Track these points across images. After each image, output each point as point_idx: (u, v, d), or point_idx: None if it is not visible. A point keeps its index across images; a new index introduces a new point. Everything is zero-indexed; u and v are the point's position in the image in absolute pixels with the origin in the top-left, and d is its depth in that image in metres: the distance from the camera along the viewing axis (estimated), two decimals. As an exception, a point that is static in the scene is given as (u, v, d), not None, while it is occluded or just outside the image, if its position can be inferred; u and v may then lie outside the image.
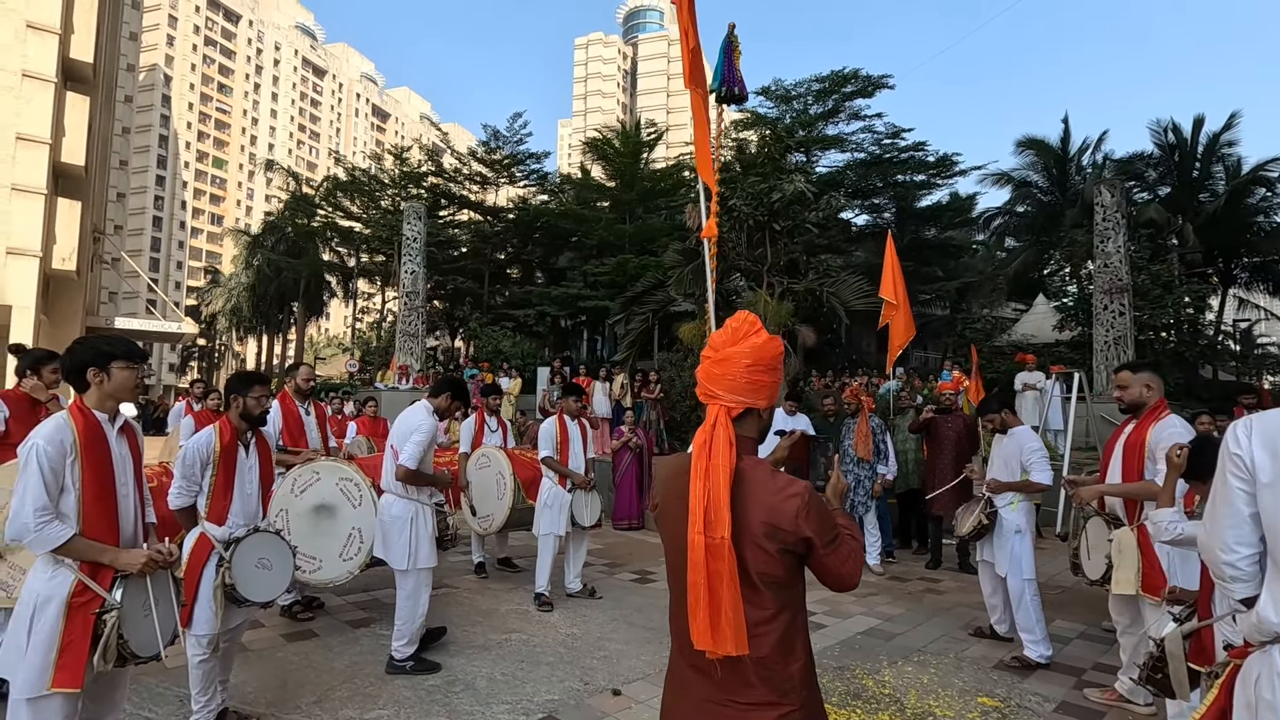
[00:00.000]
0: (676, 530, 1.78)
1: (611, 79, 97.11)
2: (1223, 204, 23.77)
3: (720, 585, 1.61)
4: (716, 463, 1.66)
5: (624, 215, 23.27)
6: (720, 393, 1.75)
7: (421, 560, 4.02)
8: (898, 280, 9.57)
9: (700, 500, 1.64)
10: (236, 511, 3.22)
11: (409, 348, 17.76)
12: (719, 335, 2.00)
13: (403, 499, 4.06)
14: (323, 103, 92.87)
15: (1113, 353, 14.39)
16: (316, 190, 29.47)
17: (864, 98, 21.14)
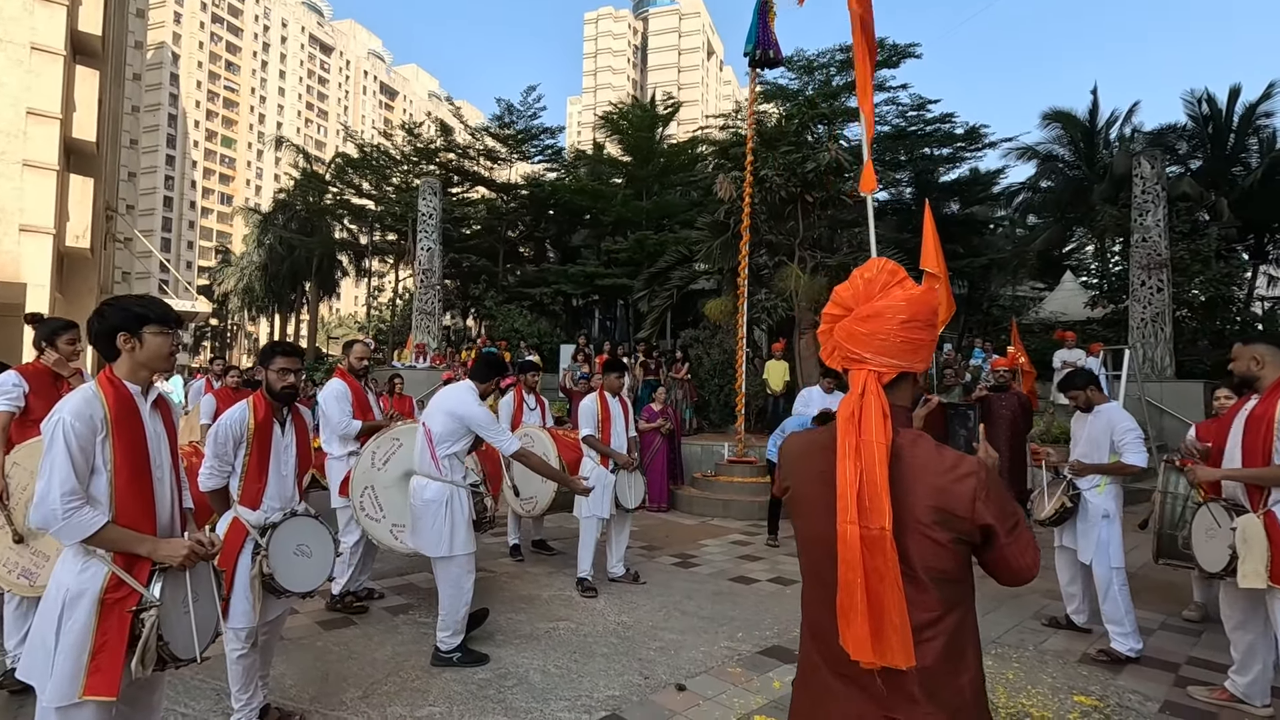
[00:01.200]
0: (817, 519, 1.49)
1: (622, 55, 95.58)
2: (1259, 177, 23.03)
3: (882, 585, 1.32)
4: (869, 438, 1.37)
5: (640, 191, 22.79)
6: (867, 355, 1.46)
7: (459, 546, 3.75)
8: (939, 251, 9.16)
9: (852, 484, 1.35)
10: (272, 494, 2.95)
11: (426, 326, 17.50)
12: (848, 289, 1.68)
13: (437, 481, 3.78)
14: (330, 80, 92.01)
15: (1149, 330, 13.94)
16: (327, 167, 29.08)
17: (889, 68, 20.46)
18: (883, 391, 1.43)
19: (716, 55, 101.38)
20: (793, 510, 1.58)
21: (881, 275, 1.60)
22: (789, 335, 11.16)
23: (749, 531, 7.48)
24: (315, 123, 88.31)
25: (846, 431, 1.40)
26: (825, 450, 1.53)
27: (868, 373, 1.45)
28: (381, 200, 26.84)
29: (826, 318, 1.78)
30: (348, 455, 4.62)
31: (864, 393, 1.43)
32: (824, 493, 1.49)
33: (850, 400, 1.44)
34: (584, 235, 25.56)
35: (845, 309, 1.69)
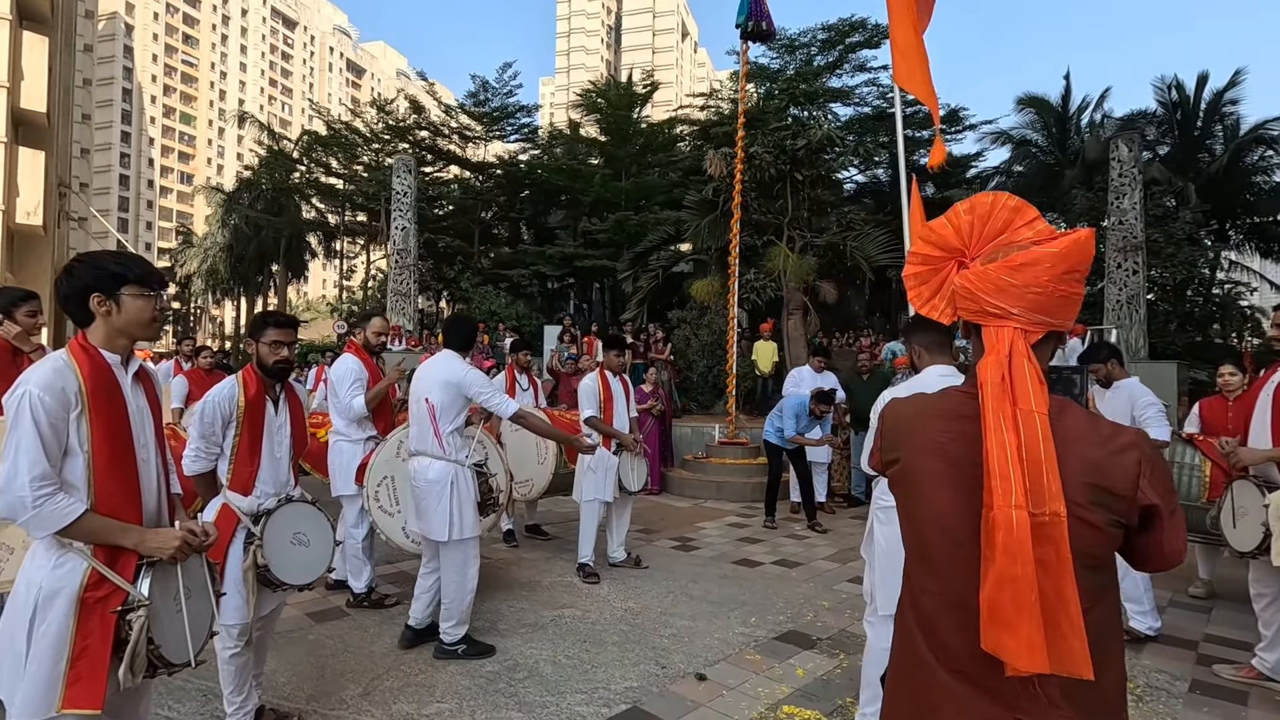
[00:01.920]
0: (935, 498, 1.30)
1: (595, 35, 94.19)
2: (1225, 163, 23.54)
3: (1059, 580, 1.13)
4: (1028, 407, 1.18)
5: (619, 172, 22.43)
6: (1015, 310, 1.26)
7: (466, 529, 3.52)
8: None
9: (1014, 460, 1.15)
10: (265, 479, 2.69)
11: (401, 307, 17.02)
12: (952, 227, 1.45)
13: (440, 460, 3.54)
14: (294, 56, 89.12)
15: (1125, 311, 14.13)
16: (295, 145, 28.12)
17: (870, 48, 20.33)
18: (1032, 352, 1.25)
19: (691, 37, 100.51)
20: (900, 486, 1.39)
21: (1002, 212, 1.40)
22: (777, 316, 11.02)
23: (744, 514, 7.36)
24: (279, 100, 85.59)
25: (998, 398, 1.20)
26: (946, 419, 1.34)
27: (1012, 331, 1.25)
28: (352, 179, 26.05)
29: (921, 259, 1.56)
30: (365, 439, 4.28)
31: (1012, 353, 1.23)
32: (944, 469, 1.30)
33: (995, 362, 1.24)
34: (561, 216, 25.13)
35: (950, 250, 1.48)
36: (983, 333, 1.32)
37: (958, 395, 1.35)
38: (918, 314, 3.01)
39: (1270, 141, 24.31)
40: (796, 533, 6.52)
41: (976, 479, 1.24)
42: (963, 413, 1.31)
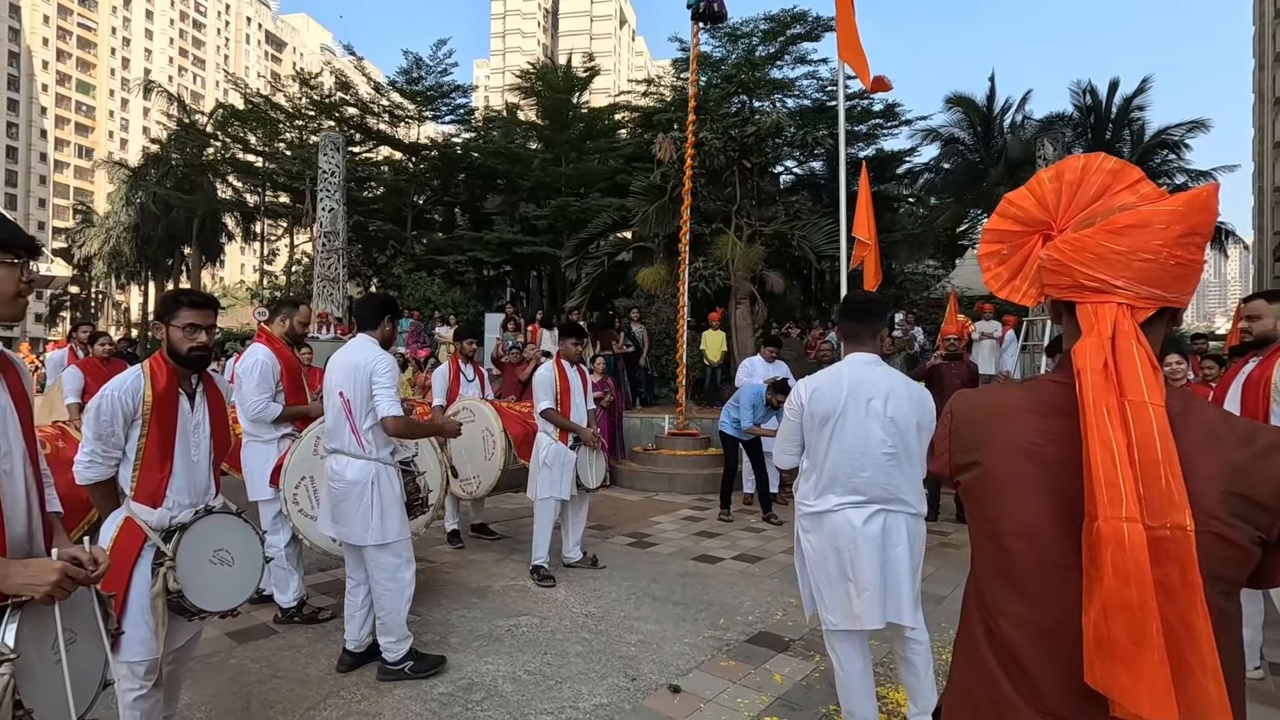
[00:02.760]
0: (1025, 509, 1.08)
1: (532, 18, 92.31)
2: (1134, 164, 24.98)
3: (1186, 609, 0.92)
4: (1140, 398, 0.96)
5: (559, 157, 21.90)
6: (1119, 284, 1.04)
7: (391, 531, 3.16)
8: (871, 219, 9.05)
9: (1124, 462, 0.94)
10: (179, 487, 2.27)
11: (329, 294, 16.09)
12: (1035, 196, 1.24)
13: (359, 459, 3.16)
14: (207, 25, 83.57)
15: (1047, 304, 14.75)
16: (208, 119, 26.24)
17: (810, 41, 20.47)
18: (1140, 332, 1.04)
19: (629, 25, 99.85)
20: (979, 494, 1.16)
21: (1096, 176, 1.18)
22: (724, 305, 10.91)
23: (698, 506, 7.19)
24: (191, 71, 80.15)
25: (1101, 389, 0.99)
26: (1039, 414, 1.11)
27: (1117, 307, 1.04)
28: (273, 157, 24.50)
29: (998, 236, 1.35)
30: (280, 438, 3.83)
31: (1117, 334, 1.02)
32: (1037, 474, 1.08)
33: (1095, 345, 1.02)
34: (498, 201, 24.39)
35: (1034, 224, 1.27)
36: (1077, 311, 1.09)
37: (1051, 386, 1.13)
38: (846, 299, 2.84)
39: (1171, 145, 26.06)
40: (753, 525, 6.38)
41: (1077, 485, 1.03)
42: (1058, 407, 1.10)
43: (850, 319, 2.61)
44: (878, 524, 2.45)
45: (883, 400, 2.44)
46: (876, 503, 2.46)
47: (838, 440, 2.47)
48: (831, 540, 2.49)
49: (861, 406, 2.45)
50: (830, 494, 2.50)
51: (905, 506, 2.50)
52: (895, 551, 2.46)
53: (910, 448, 2.47)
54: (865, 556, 2.43)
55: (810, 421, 2.50)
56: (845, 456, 2.46)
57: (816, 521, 2.56)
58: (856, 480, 2.46)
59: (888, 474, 2.44)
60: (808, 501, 2.58)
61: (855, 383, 2.47)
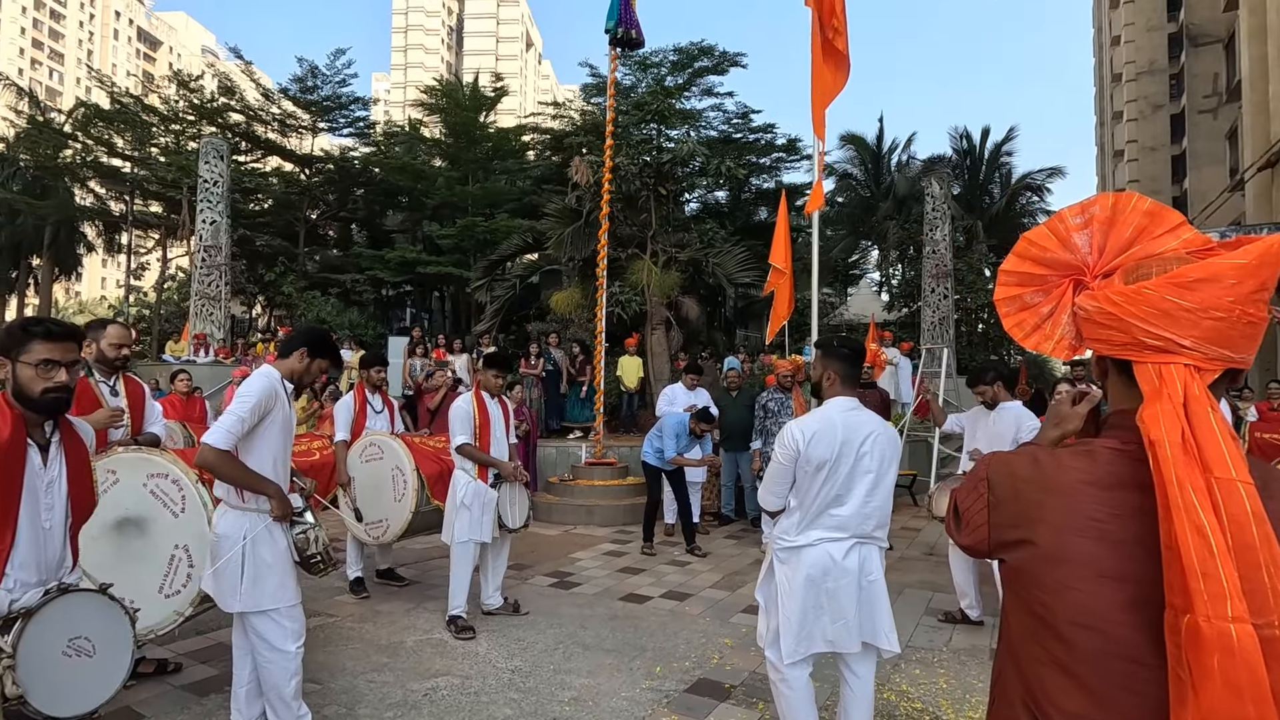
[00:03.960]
0: (1113, 597, 0.95)
1: (435, 34, 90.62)
2: (1003, 205, 27.60)
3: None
4: (1227, 474, 0.87)
5: (466, 175, 21.33)
6: (1185, 342, 0.95)
7: (266, 598, 2.67)
8: (788, 248, 9.27)
9: (1224, 551, 0.83)
10: (24, 562, 1.84)
11: (209, 313, 14.79)
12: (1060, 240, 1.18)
13: (234, 510, 2.70)
14: (67, 16, 76.31)
15: (938, 331, 15.71)
16: (68, 117, 23.71)
17: (717, 74, 21.09)
18: (1212, 396, 0.94)
19: (535, 48, 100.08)
20: (1031, 577, 1.03)
21: (1131, 217, 1.11)
22: (640, 330, 10.84)
23: (618, 539, 6.97)
24: (46, 65, 72.76)
25: (1184, 465, 0.88)
26: (1101, 487, 0.99)
27: (1186, 370, 0.95)
28: (144, 163, 22.41)
29: (1020, 279, 1.25)
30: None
31: (1189, 400, 0.92)
32: (1104, 555, 0.96)
33: (1169, 413, 0.92)
34: (400, 219, 23.43)
35: (1062, 267, 1.18)
36: (1136, 371, 1.00)
37: (1108, 454, 1.02)
38: (838, 339, 2.81)
39: (1035, 188, 28.87)
40: (677, 558, 6.24)
41: (1151, 569, 0.92)
42: (1121, 478, 0.99)
43: (845, 363, 2.61)
44: (855, 557, 2.53)
45: (870, 445, 2.53)
46: (855, 537, 2.53)
47: (829, 485, 2.50)
48: (809, 572, 2.51)
49: (853, 453, 2.50)
50: (813, 530, 2.53)
51: (878, 540, 2.61)
52: (871, 581, 2.57)
53: (887, 486, 2.59)
54: (845, 589, 2.51)
55: (805, 467, 2.51)
56: (834, 499, 2.51)
57: (795, 555, 2.56)
58: (840, 518, 2.52)
59: (869, 513, 2.54)
60: (788, 537, 2.58)
61: (848, 430, 2.51)
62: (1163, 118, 33.23)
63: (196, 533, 3.06)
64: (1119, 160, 36.20)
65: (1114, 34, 36.77)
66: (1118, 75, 36.02)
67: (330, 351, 2.95)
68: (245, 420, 2.61)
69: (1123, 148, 35.39)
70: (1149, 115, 33.58)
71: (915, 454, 9.94)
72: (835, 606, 2.49)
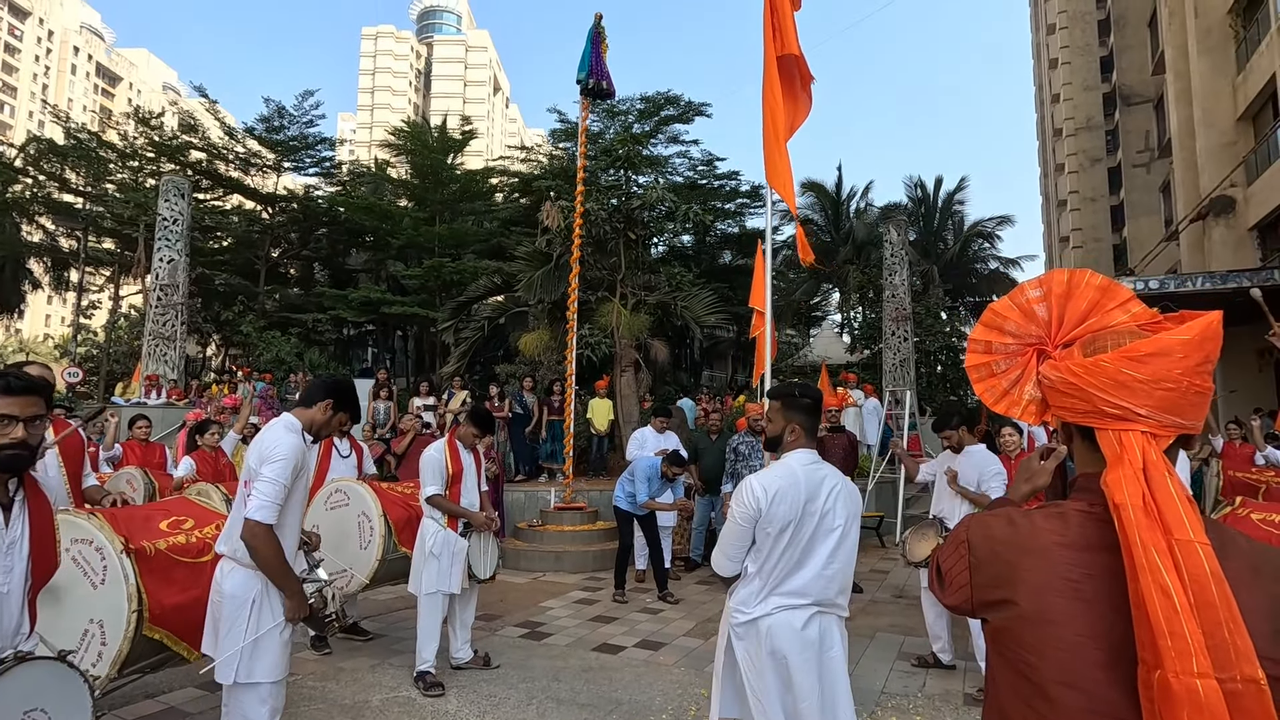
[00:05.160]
0: (1094, 657, 0.99)
1: (403, 76, 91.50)
2: (956, 250, 28.73)
3: None
4: (1185, 536, 0.93)
5: (433, 216, 21.37)
6: (1141, 410, 1.03)
7: (260, 670, 2.50)
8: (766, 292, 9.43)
9: (1186, 609, 0.89)
10: (-21, 629, 1.74)
11: (162, 353, 14.34)
12: (1023, 311, 1.30)
13: (243, 568, 2.56)
14: (23, 50, 75.03)
15: (899, 373, 16.05)
16: (19, 152, 23.12)
17: (683, 123, 21.70)
18: (1168, 461, 1.01)
19: (503, 91, 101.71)
20: (1015, 637, 1.06)
21: (1086, 291, 1.21)
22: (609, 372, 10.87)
23: (589, 586, 6.86)
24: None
25: (1146, 528, 0.94)
26: (1074, 549, 1.04)
27: (1143, 437, 1.02)
28: (99, 199, 21.90)
29: (986, 347, 1.34)
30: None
31: (1147, 465, 0.99)
32: (1080, 614, 1.01)
33: (1130, 477, 0.98)
34: (364, 258, 23.26)
35: (1026, 337, 1.27)
36: (1098, 437, 1.07)
37: (1079, 516, 1.07)
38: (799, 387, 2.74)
39: (986, 235, 30.12)
40: (649, 606, 6.15)
41: (1123, 627, 0.97)
42: (1092, 540, 1.04)
43: (808, 414, 2.46)
44: (815, 628, 2.35)
45: (832, 502, 2.36)
46: (816, 605, 2.36)
47: (791, 548, 2.33)
48: (768, 645, 2.33)
49: (816, 511, 2.34)
50: (772, 597, 2.36)
51: (838, 609, 2.44)
52: (831, 654, 2.38)
53: (850, 547, 2.42)
54: (806, 663, 2.32)
55: (767, 528, 2.33)
56: (794, 563, 2.34)
57: (752, 629, 2.37)
58: (798, 583, 2.34)
59: (830, 578, 2.37)
60: (746, 608, 2.39)
61: (811, 485, 2.34)
62: (1101, 170, 35.21)
63: (114, 606, 2.83)
64: (1062, 209, 38.10)
65: (1054, 92, 39.08)
66: (1058, 130, 38.16)
67: (354, 406, 2.88)
68: (285, 485, 2.50)
69: (1065, 198, 37.29)
70: (1088, 168, 35.55)
71: (882, 495, 10.07)
72: (797, 686, 2.32)
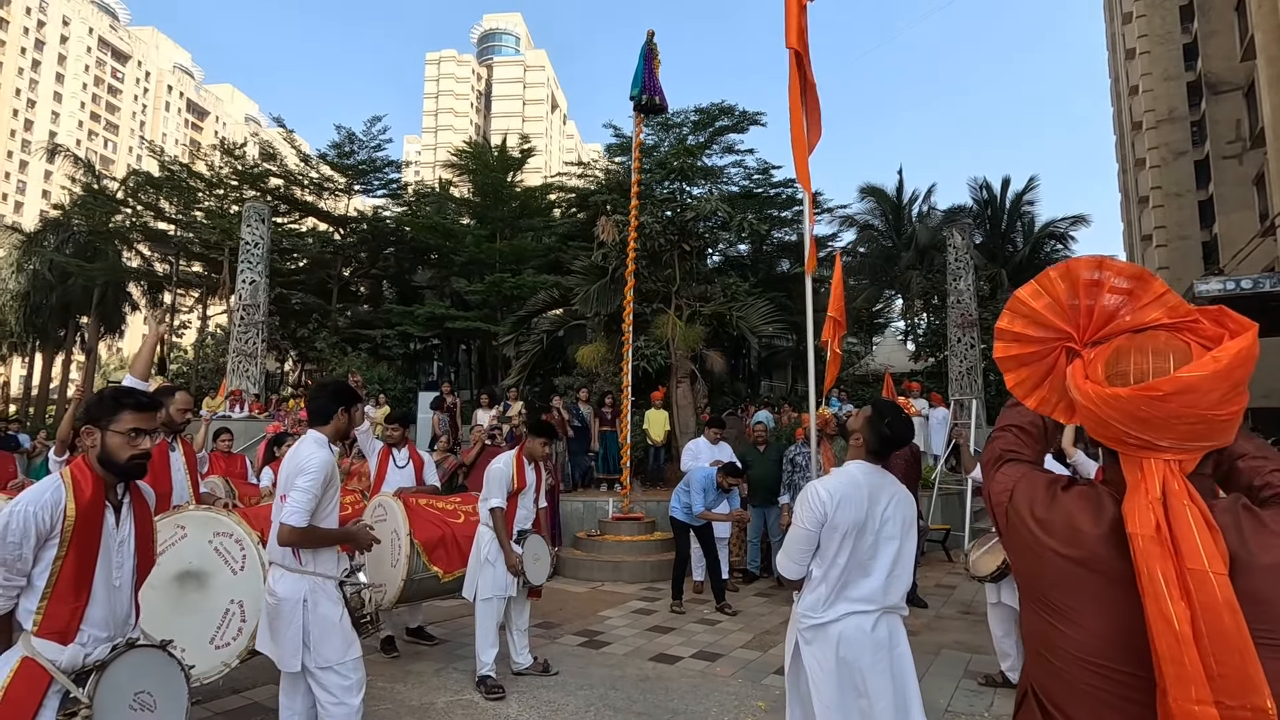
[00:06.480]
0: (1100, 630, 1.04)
1: (465, 98, 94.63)
2: (1026, 253, 27.55)
3: None
4: (1199, 565, 0.92)
5: (494, 233, 22.02)
6: (1163, 443, 1.01)
7: (329, 655, 2.81)
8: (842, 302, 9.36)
9: (1189, 639, 0.90)
10: (98, 619, 1.94)
11: (244, 369, 15.25)
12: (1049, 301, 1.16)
13: (293, 572, 2.84)
14: (124, 91, 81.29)
15: (966, 381, 15.51)
16: (121, 185, 25.06)
17: (738, 133, 21.69)
18: (1192, 487, 0.99)
19: (560, 109, 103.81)
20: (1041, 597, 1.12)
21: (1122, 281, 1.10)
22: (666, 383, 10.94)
23: (647, 596, 6.91)
24: (102, 135, 77.21)
25: (1156, 557, 0.94)
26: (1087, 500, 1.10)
27: (1164, 464, 1.00)
28: (189, 225, 23.51)
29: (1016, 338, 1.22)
30: None
31: (1167, 494, 0.97)
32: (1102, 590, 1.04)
33: (1143, 507, 0.98)
34: (429, 275, 24.11)
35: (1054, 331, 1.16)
36: (1121, 460, 1.06)
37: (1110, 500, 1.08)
38: (897, 419, 2.67)
39: (1059, 237, 28.77)
40: (706, 616, 6.16)
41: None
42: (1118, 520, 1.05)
43: (881, 441, 2.49)
44: (884, 628, 2.46)
45: (892, 510, 2.46)
46: (880, 609, 2.46)
47: (855, 553, 2.42)
48: (838, 650, 2.41)
49: (877, 518, 2.43)
50: (840, 604, 2.44)
51: (900, 609, 2.54)
52: (899, 651, 2.49)
53: (909, 554, 2.52)
54: (877, 664, 2.41)
55: (832, 532, 2.41)
56: (859, 568, 2.43)
57: (821, 633, 2.44)
58: (866, 589, 2.44)
59: (892, 581, 2.47)
60: (814, 614, 2.45)
61: (873, 493, 2.44)
62: (1186, 164, 33.17)
63: (252, 590, 3.23)
64: (1144, 206, 36.06)
65: (1131, 84, 37.13)
66: (1138, 123, 36.20)
67: (355, 395, 3.17)
68: (316, 495, 2.79)
69: (1147, 194, 35.29)
70: (1171, 162, 33.58)
71: (949, 507, 9.76)
72: (871, 688, 2.38)
